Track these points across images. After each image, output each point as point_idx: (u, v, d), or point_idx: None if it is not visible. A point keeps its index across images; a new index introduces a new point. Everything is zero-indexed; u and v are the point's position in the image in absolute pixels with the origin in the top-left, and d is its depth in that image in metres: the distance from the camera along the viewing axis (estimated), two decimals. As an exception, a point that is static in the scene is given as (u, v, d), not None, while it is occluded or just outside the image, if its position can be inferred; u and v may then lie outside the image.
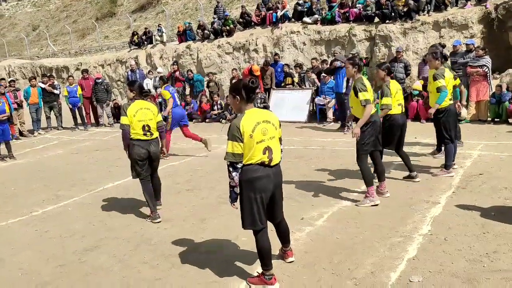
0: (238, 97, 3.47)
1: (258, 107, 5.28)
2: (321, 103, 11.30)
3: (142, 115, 5.26)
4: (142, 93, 5.49)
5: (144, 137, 5.28)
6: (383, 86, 5.90)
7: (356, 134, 5.19)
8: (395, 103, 5.93)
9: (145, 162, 5.35)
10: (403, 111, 6.18)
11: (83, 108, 13.42)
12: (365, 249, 4.16)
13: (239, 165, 3.43)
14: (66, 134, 12.77)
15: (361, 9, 13.77)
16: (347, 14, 14.11)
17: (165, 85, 9.08)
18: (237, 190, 3.52)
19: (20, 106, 12.78)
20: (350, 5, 14.36)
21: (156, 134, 5.45)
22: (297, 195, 5.88)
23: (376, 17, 13.45)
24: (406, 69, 10.81)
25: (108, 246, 4.82)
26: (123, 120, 5.24)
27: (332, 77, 10.81)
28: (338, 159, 7.68)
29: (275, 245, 3.93)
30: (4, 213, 6.25)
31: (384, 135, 5.75)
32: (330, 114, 11.00)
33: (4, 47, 31.36)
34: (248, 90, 3.44)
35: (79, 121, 13.45)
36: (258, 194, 3.47)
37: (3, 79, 14.00)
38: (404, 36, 12.85)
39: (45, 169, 8.88)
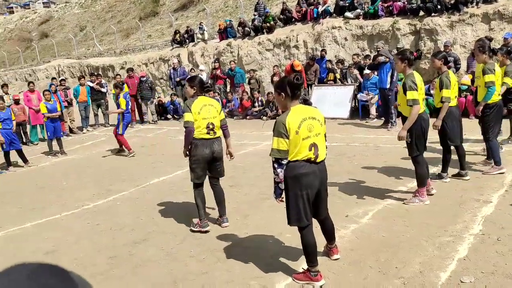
0: (283, 93, 3.49)
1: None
2: (364, 99, 11.12)
3: (206, 112, 4.84)
4: (204, 89, 5.09)
5: (208, 136, 4.86)
6: (442, 77, 5.61)
7: (401, 137, 5.01)
8: (453, 95, 5.67)
9: (205, 164, 4.94)
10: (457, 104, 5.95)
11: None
12: (413, 247, 4.09)
13: (284, 162, 3.45)
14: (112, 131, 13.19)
15: (405, 2, 13.40)
16: (390, 8, 13.76)
17: (123, 92, 9.87)
18: (282, 186, 3.54)
19: (70, 104, 13.32)
20: (393, -2, 14.02)
21: (219, 133, 5.04)
22: (341, 192, 5.83)
23: (421, 10, 13.06)
24: (455, 64, 10.46)
25: (156, 239, 4.97)
26: (187, 117, 4.78)
27: (375, 72, 10.62)
28: (382, 156, 7.55)
29: (320, 242, 3.93)
30: (58, 206, 6.56)
31: (446, 130, 5.60)
32: (373, 110, 10.81)
33: (54, 48, 32.76)
34: (293, 86, 3.45)
35: (125, 118, 13.85)
36: (304, 190, 3.48)
37: (55, 78, 14.66)
38: (451, 29, 12.41)
39: (94, 164, 9.24)
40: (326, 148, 3.69)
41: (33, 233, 5.59)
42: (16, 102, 11.82)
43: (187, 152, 4.99)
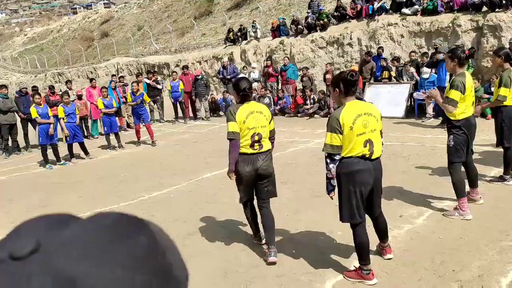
0: (337, 89, 3.48)
1: None
2: (420, 98, 10.73)
3: (253, 120, 4.05)
4: (244, 92, 4.13)
5: (251, 150, 4.08)
6: (503, 74, 5.31)
7: (430, 97, 4.84)
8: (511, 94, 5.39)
9: (250, 184, 4.19)
10: None
11: (183, 102, 14.17)
12: (471, 251, 3.93)
13: (337, 157, 3.42)
14: (167, 127, 13.61)
15: (467, -3, 12.84)
16: (451, 4, 13.21)
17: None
18: (334, 182, 3.52)
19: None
20: (454, -7, 13.45)
21: (267, 146, 4.18)
22: (396, 192, 5.69)
23: (484, 6, 12.44)
24: (521, 62, 9.88)
25: (208, 232, 5.09)
26: (231, 126, 4.00)
27: (433, 70, 10.25)
28: (439, 156, 7.27)
29: (373, 241, 3.86)
30: (116, 197, 6.87)
31: (503, 130, 5.32)
32: (429, 109, 10.44)
33: (113, 46, 34.22)
34: (347, 83, 3.42)
35: (179, 114, 14.25)
36: (358, 187, 3.44)
37: (114, 75, 15.32)
38: (517, 25, 11.74)
39: (149, 158, 9.58)
40: (382, 144, 3.62)
41: (93, 221, 5.88)
42: (79, 97, 12.47)
43: (234, 171, 4.15)
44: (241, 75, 14.22)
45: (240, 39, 19.62)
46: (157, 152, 10.18)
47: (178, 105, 14.14)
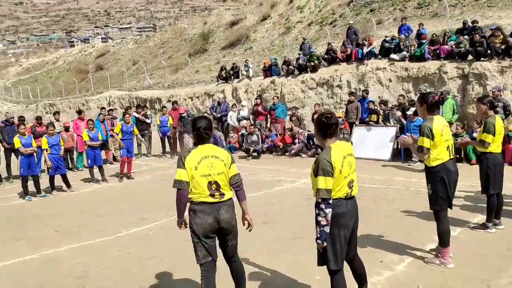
0: (317, 132, 3.48)
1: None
2: (407, 142, 10.81)
3: (206, 167, 3.58)
4: (196, 134, 3.70)
5: (211, 199, 3.59)
6: (487, 121, 5.31)
7: (402, 143, 4.81)
8: (499, 141, 5.38)
9: (211, 238, 3.67)
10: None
11: (171, 137, 14.12)
12: (451, 301, 3.81)
13: (331, 201, 3.29)
14: (154, 161, 13.50)
15: (453, 46, 13.18)
16: (437, 51, 13.58)
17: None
18: (328, 229, 3.29)
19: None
20: (441, 42, 13.83)
21: (229, 195, 3.71)
22: (377, 236, 5.59)
23: (469, 54, 12.78)
24: (504, 109, 10.05)
25: (184, 272, 4.92)
26: (179, 174, 3.56)
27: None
28: (423, 201, 7.18)
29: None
30: (94, 232, 6.68)
31: (488, 177, 5.28)
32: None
33: (107, 80, 34.52)
34: (322, 125, 3.41)
35: (167, 149, 14.17)
36: (342, 230, 3.37)
37: (104, 108, 15.30)
38: (502, 74, 12.02)
39: (133, 193, 9.42)
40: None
41: (66, 256, 5.69)
42: (66, 129, 12.37)
43: (184, 222, 3.76)
44: (229, 112, 14.30)
45: (232, 77, 19.89)
46: (141, 186, 10.03)
47: (166, 139, 14.10)
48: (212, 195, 3.58)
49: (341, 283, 3.42)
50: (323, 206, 3.25)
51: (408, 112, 10.77)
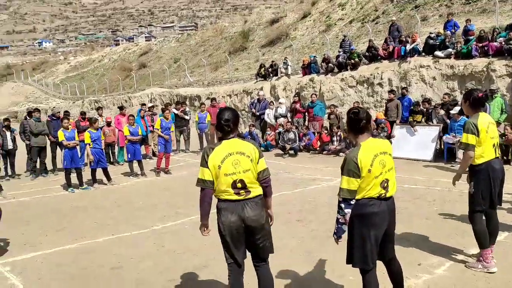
0: (348, 129, 3.42)
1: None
2: (450, 142, 10.41)
3: (230, 165, 3.33)
4: (219, 124, 3.43)
5: (236, 197, 3.38)
6: None
7: (454, 183, 4.60)
8: None
9: (238, 238, 3.42)
10: None
11: (209, 133, 14.25)
12: (493, 309, 3.60)
13: (353, 202, 3.23)
14: (192, 157, 13.66)
15: (503, 43, 12.55)
16: (485, 48, 12.97)
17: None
18: (345, 227, 3.30)
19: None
20: (490, 38, 13.20)
21: (256, 191, 3.43)
22: (416, 238, 5.39)
23: (520, 51, 12.14)
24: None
25: (216, 267, 4.91)
26: (201, 173, 3.39)
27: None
28: (466, 203, 6.89)
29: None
30: (131, 225, 6.81)
31: None
32: (460, 154, 10.04)
33: (149, 77, 35.26)
34: (352, 121, 3.33)
35: (205, 145, 14.30)
36: (373, 231, 3.24)
37: (144, 104, 15.63)
38: (555, 72, 11.35)
39: (170, 187, 9.56)
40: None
41: (103, 247, 5.83)
42: (108, 124, 12.72)
43: (206, 226, 3.56)
44: (267, 110, 14.26)
45: (271, 74, 19.82)
46: (178, 181, 10.16)
47: (204, 136, 14.23)
48: (237, 193, 3.36)
49: (372, 283, 3.30)
50: (342, 205, 3.23)
51: (452, 112, 10.34)
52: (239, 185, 3.35)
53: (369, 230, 3.24)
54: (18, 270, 5.16)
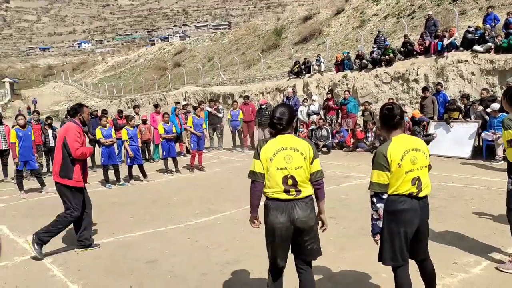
0: (381, 124, 3.39)
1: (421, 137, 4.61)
2: (489, 139, 10.08)
3: (283, 159, 3.21)
4: (271, 121, 3.35)
5: (285, 196, 3.23)
6: None
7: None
8: None
9: (284, 241, 3.29)
10: None
11: (242, 131, 14.35)
12: (533, 310, 3.49)
13: (385, 196, 3.22)
14: (225, 154, 13.80)
15: (547, 35, 12.06)
16: (528, 41, 12.49)
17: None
18: (381, 223, 3.29)
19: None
20: (532, 30, 12.71)
21: (307, 191, 3.30)
22: (452, 237, 5.27)
23: None
24: None
25: (248, 262, 4.97)
26: (253, 165, 3.28)
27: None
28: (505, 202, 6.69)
29: (418, 286, 3.55)
30: (165, 220, 6.97)
31: None
32: (499, 151, 9.72)
33: (183, 76, 35.83)
34: (385, 117, 3.31)
35: (237, 143, 14.43)
36: (402, 227, 3.21)
37: (178, 102, 15.90)
38: None
39: (203, 184, 9.71)
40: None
41: (139, 242, 5.99)
42: (144, 122, 13.03)
43: (256, 218, 3.47)
44: (300, 107, 14.21)
45: (303, 72, 19.75)
46: (211, 178, 10.30)
47: (236, 133, 14.35)
48: (287, 191, 3.21)
49: (404, 280, 3.27)
50: (374, 200, 3.23)
51: (488, 109, 10.01)
52: (289, 181, 3.21)
53: (398, 226, 3.21)
54: (59, 262, 5.38)
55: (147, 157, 13.37)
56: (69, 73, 61.55)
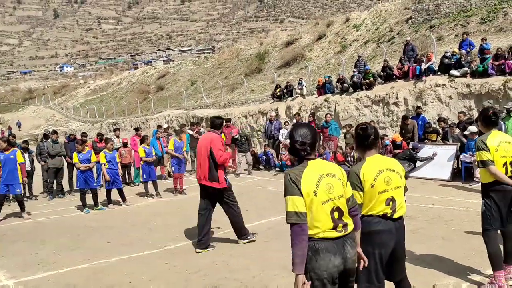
0: (356, 145, 3.40)
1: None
2: (467, 161, 10.22)
3: (324, 190, 2.72)
4: (294, 147, 2.85)
5: (336, 234, 2.73)
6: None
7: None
8: None
9: (333, 284, 2.74)
10: None
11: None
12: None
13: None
14: (206, 178, 13.65)
15: (520, 61, 12.42)
16: (502, 67, 12.83)
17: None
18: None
19: (171, 150, 14.15)
20: (506, 56, 13.07)
21: (351, 225, 2.85)
22: (432, 259, 5.24)
23: (538, 69, 11.98)
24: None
25: (227, 286, 4.86)
26: (293, 203, 2.67)
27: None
28: (485, 223, 6.73)
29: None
30: (144, 244, 6.82)
31: None
32: (477, 173, 9.83)
33: (167, 99, 35.78)
34: (359, 136, 3.31)
35: (219, 166, 14.30)
36: (377, 249, 3.17)
37: (160, 126, 15.81)
38: None
39: (183, 208, 9.55)
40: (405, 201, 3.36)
41: (115, 267, 5.82)
42: (124, 145, 12.89)
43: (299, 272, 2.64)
44: (281, 130, 14.24)
45: (286, 95, 19.91)
46: (192, 202, 10.10)
47: (219, 157, 14.24)
48: (335, 228, 2.71)
49: None
50: None
51: (466, 132, 10.19)
52: (336, 214, 2.72)
53: (373, 248, 3.18)
54: (30, 289, 5.18)
55: (127, 181, 13.16)
56: (50, 97, 60.91)
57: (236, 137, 13.63)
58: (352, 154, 12.58)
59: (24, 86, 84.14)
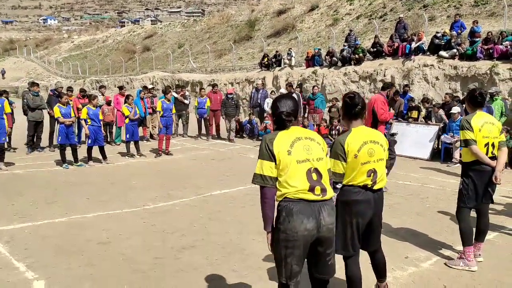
0: (343, 114, 3.38)
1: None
2: (448, 142, 10.38)
3: (300, 151, 2.72)
4: (279, 117, 2.82)
5: (312, 196, 2.70)
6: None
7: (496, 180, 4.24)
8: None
9: (305, 252, 2.75)
10: None
11: (208, 119, 14.16)
12: (477, 305, 3.59)
13: (339, 186, 3.21)
14: (189, 142, 13.62)
15: (509, 47, 12.47)
16: (490, 51, 12.89)
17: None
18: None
19: (154, 111, 13.95)
20: (496, 41, 13.11)
21: (330, 191, 2.82)
22: (405, 232, 5.38)
23: (525, 56, 12.06)
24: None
25: (204, 248, 4.91)
26: (260, 166, 2.73)
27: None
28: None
29: (372, 279, 3.59)
30: (122, 202, 6.80)
31: None
32: (456, 154, 10.02)
33: (152, 61, 35.11)
34: (346, 105, 3.29)
35: (203, 131, 14.25)
36: (355, 218, 3.22)
37: (145, 86, 15.54)
38: (559, 79, 11.29)
39: (164, 169, 9.53)
40: (387, 174, 3.40)
41: (93, 223, 5.82)
42: (108, 103, 12.67)
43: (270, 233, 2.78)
44: (267, 99, 14.16)
45: (274, 65, 19.73)
46: (173, 164, 10.13)
47: (202, 121, 14.18)
48: (312, 189, 2.68)
49: (354, 269, 3.28)
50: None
51: (451, 111, 10.29)
52: (314, 176, 2.70)
53: (351, 217, 3.22)
54: (5, 239, 5.15)
55: (109, 140, 13.00)
56: (31, 49, 59.06)
57: (230, 96, 13.65)
58: (337, 127, 12.62)
59: (5, 36, 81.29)
